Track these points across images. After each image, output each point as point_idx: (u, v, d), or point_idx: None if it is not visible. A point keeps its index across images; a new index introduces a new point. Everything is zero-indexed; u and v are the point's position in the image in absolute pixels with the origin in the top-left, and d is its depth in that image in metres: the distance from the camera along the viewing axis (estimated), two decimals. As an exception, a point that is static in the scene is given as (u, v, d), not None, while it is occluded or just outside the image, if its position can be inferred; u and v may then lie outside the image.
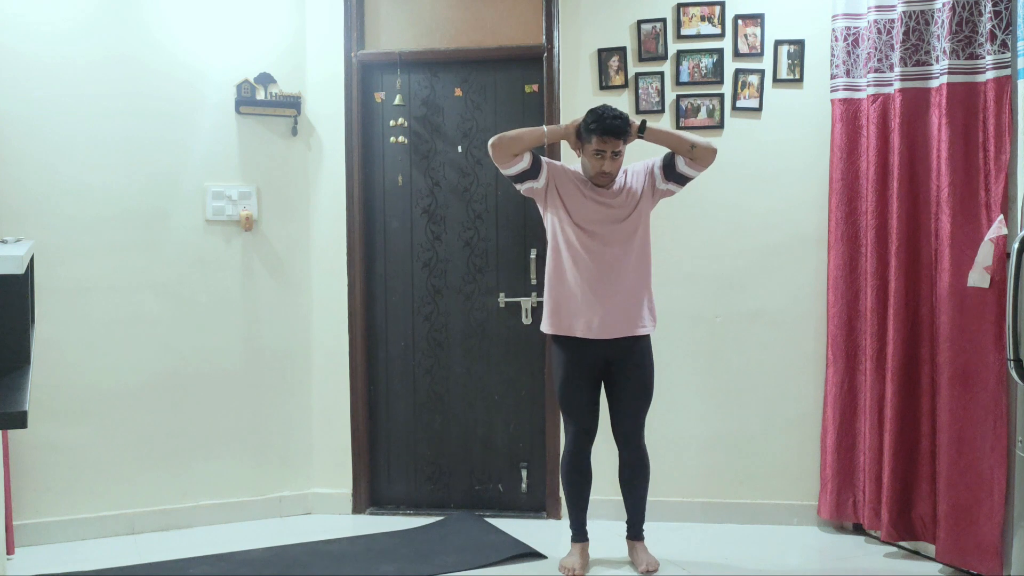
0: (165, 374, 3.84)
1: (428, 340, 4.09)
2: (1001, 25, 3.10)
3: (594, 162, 3.21)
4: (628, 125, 3.19)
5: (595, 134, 3.16)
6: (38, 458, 3.64)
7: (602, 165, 3.19)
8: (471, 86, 4.02)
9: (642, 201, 3.29)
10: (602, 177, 3.22)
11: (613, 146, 3.17)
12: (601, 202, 3.27)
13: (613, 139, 3.16)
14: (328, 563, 3.45)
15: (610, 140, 3.16)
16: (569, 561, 3.39)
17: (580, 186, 3.29)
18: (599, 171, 3.21)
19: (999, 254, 3.06)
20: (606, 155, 3.18)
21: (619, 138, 3.17)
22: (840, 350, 3.68)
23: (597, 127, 3.15)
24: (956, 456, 3.24)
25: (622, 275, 3.26)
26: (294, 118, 3.97)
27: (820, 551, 3.61)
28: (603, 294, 3.24)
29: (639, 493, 3.43)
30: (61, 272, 3.65)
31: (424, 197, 4.07)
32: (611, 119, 3.16)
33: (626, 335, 3.28)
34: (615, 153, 3.19)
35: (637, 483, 3.42)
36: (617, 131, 3.15)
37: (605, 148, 3.16)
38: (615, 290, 3.25)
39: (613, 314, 3.25)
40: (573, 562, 3.37)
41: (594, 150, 3.18)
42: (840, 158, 3.66)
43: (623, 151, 3.23)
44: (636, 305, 3.29)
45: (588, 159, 3.23)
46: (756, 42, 3.80)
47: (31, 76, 3.60)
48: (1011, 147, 3.04)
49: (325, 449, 4.09)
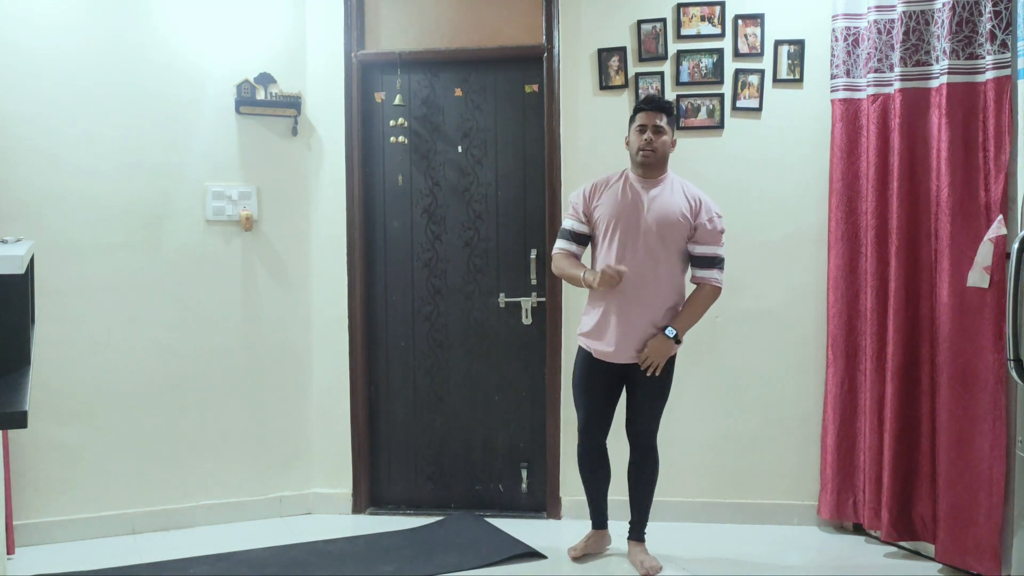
0: (165, 374, 3.84)
1: (428, 340, 4.10)
2: (1001, 25, 3.10)
3: (637, 137, 3.31)
4: (670, 105, 3.37)
5: (638, 111, 3.34)
6: (38, 458, 3.64)
7: (644, 137, 3.29)
8: (471, 86, 4.02)
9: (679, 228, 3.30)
10: (647, 149, 3.28)
11: (655, 118, 3.29)
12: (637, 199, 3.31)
13: (654, 111, 3.29)
14: (328, 563, 3.45)
15: (651, 113, 3.29)
16: (576, 543, 3.53)
17: (619, 188, 3.35)
18: (642, 144, 3.29)
19: (999, 254, 3.06)
20: (648, 127, 3.29)
21: (659, 110, 3.30)
22: (840, 350, 3.68)
23: (640, 104, 3.36)
24: (956, 456, 3.24)
25: (651, 293, 3.29)
26: (294, 118, 3.97)
27: (820, 551, 3.61)
28: (630, 315, 3.29)
29: (645, 492, 3.45)
30: (61, 272, 3.65)
31: (424, 197, 4.07)
32: (653, 94, 3.53)
33: None
34: (656, 127, 3.29)
35: (644, 481, 3.44)
36: (655, 102, 3.33)
37: (647, 121, 3.29)
38: (643, 311, 3.29)
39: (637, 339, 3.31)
40: (577, 544, 3.51)
41: (638, 125, 3.32)
42: (840, 158, 3.66)
43: (666, 129, 3.31)
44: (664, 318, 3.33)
45: (633, 137, 3.34)
46: (756, 42, 3.80)
47: (31, 75, 3.59)
48: (1011, 147, 3.04)
49: (325, 449, 4.09)
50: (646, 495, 3.45)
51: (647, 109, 3.30)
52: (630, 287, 3.26)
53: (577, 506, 3.92)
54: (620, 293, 3.26)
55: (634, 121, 3.34)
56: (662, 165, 3.34)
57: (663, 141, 3.29)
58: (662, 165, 3.34)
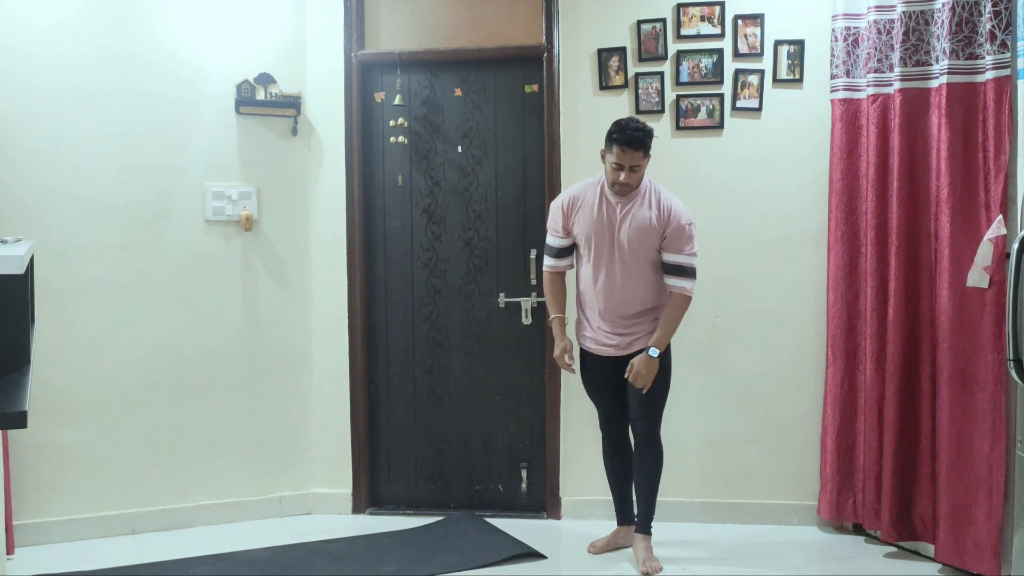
0: (165, 374, 3.84)
1: (428, 340, 4.10)
2: (1001, 25, 3.10)
3: (613, 173, 3.28)
4: (648, 138, 3.25)
5: (615, 144, 3.23)
6: (38, 458, 3.64)
7: (619, 176, 3.25)
8: (471, 86, 4.02)
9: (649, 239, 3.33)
10: (621, 188, 3.29)
11: (632, 159, 3.22)
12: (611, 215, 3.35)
13: (632, 151, 3.21)
14: (328, 563, 3.45)
15: (628, 152, 3.21)
16: (599, 539, 3.59)
17: (594, 203, 3.37)
18: (616, 181, 3.28)
19: (998, 254, 3.06)
20: (624, 169, 3.24)
21: (637, 150, 3.22)
22: (840, 350, 3.68)
23: (618, 137, 3.22)
24: (955, 456, 3.24)
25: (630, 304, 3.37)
26: (294, 118, 3.97)
27: (820, 551, 3.61)
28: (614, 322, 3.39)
29: (649, 483, 3.45)
30: (61, 272, 3.65)
31: (424, 197, 4.07)
32: (632, 131, 3.22)
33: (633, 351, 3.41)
34: (633, 167, 3.24)
35: (647, 472, 3.45)
36: (636, 142, 3.21)
37: (624, 162, 3.23)
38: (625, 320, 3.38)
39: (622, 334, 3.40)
40: (600, 540, 3.57)
41: (613, 162, 3.25)
42: (840, 158, 3.66)
43: (642, 165, 3.27)
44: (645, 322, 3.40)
45: (608, 169, 3.30)
46: (756, 42, 3.80)
47: (31, 76, 3.59)
48: (1010, 147, 3.04)
49: (325, 449, 4.09)
50: (650, 486, 3.45)
51: (625, 147, 3.20)
52: (610, 299, 3.36)
53: (577, 506, 3.92)
54: (601, 300, 3.37)
55: (611, 151, 3.24)
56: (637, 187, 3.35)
57: (638, 177, 3.29)
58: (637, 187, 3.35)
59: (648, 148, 3.28)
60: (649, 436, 3.43)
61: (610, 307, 3.36)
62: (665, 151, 3.84)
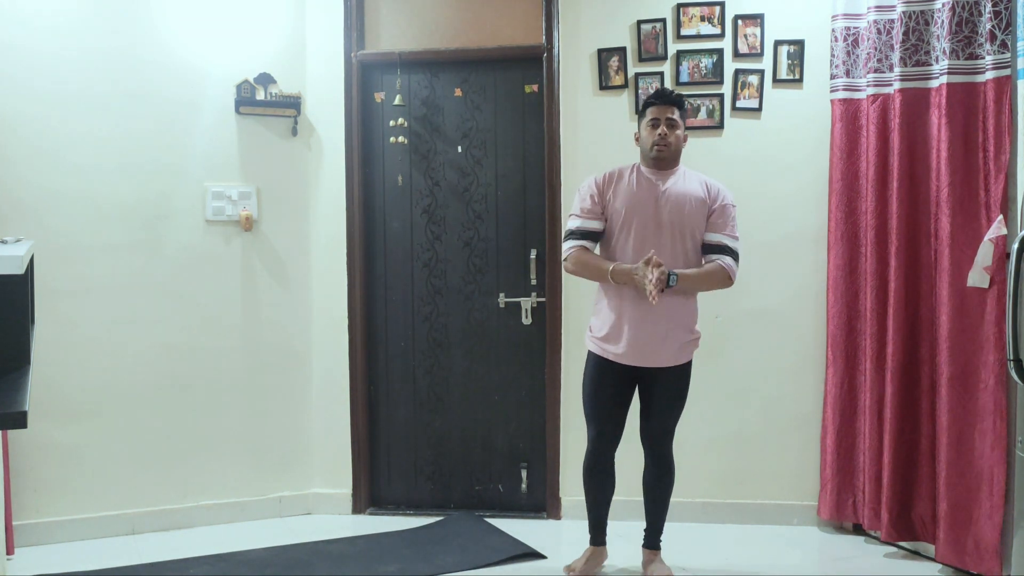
0: (165, 374, 3.84)
1: (428, 340, 4.10)
2: (1001, 25, 3.10)
3: (650, 133, 3.18)
4: (681, 97, 3.23)
5: (649, 106, 3.21)
6: (38, 458, 3.64)
7: (657, 131, 3.16)
8: (471, 86, 4.02)
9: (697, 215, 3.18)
10: (661, 144, 3.15)
11: (667, 111, 3.18)
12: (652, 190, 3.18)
13: (664, 104, 3.18)
14: (328, 563, 3.45)
15: (662, 106, 3.18)
16: (574, 561, 3.36)
17: (632, 180, 3.21)
18: (656, 139, 3.16)
19: (998, 254, 3.06)
20: (661, 122, 3.17)
21: (670, 103, 3.19)
22: (840, 350, 3.68)
23: (650, 98, 3.23)
24: (956, 456, 3.24)
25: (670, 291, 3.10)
26: (294, 118, 3.97)
27: (820, 551, 3.61)
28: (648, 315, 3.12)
29: (662, 502, 3.33)
30: (61, 272, 3.64)
31: (424, 197, 4.07)
32: (662, 89, 3.33)
33: (669, 364, 3.19)
34: (670, 120, 3.18)
35: (659, 489, 3.32)
36: (668, 96, 3.20)
37: (659, 115, 3.17)
38: (661, 309, 3.11)
39: (653, 345, 3.14)
40: (576, 563, 3.35)
41: (650, 119, 3.20)
42: (840, 158, 3.66)
43: (679, 123, 3.20)
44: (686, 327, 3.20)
45: (645, 132, 3.20)
46: (756, 42, 3.80)
47: (32, 76, 3.59)
48: (1011, 147, 3.04)
49: (325, 449, 4.09)
50: (663, 505, 3.33)
51: (658, 103, 3.18)
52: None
53: (577, 506, 3.91)
54: (634, 295, 3.11)
55: (644, 116, 3.20)
56: (676, 159, 3.22)
57: (676, 135, 3.18)
58: (676, 159, 3.22)
59: (682, 106, 3.21)
60: (666, 450, 3.29)
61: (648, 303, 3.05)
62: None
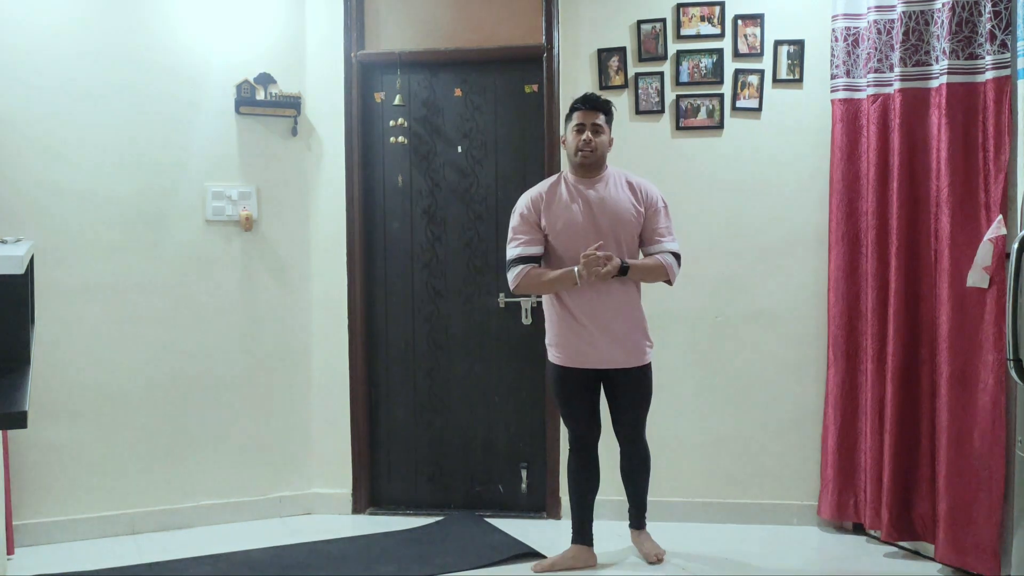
0: (165, 374, 3.84)
1: (428, 341, 4.10)
2: (1001, 25, 3.10)
3: (575, 137, 3.26)
4: (607, 103, 3.31)
5: (574, 111, 3.29)
6: (38, 458, 3.64)
7: (582, 136, 3.24)
8: (471, 86, 4.02)
9: (631, 222, 3.28)
10: (585, 150, 3.23)
11: (592, 117, 3.25)
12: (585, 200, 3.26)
13: (589, 110, 3.25)
14: (328, 563, 3.45)
15: (587, 112, 3.25)
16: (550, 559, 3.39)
17: (561, 193, 3.29)
18: (581, 144, 3.24)
19: (998, 254, 3.06)
20: (586, 127, 3.24)
21: (595, 109, 3.25)
22: (841, 350, 3.68)
23: (575, 103, 3.30)
24: (955, 456, 3.24)
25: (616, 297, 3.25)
26: (294, 118, 3.97)
27: (820, 551, 3.61)
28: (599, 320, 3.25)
29: (640, 484, 3.46)
30: (61, 272, 3.65)
31: (424, 198, 4.07)
32: (588, 94, 3.32)
33: (628, 366, 3.31)
34: (595, 126, 3.25)
35: (637, 475, 3.45)
36: (594, 101, 3.27)
37: (585, 120, 3.25)
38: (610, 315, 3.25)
39: (612, 346, 3.26)
40: (544, 561, 3.39)
41: (575, 124, 3.27)
42: (840, 158, 3.66)
43: (604, 128, 3.27)
44: (637, 330, 3.31)
45: (570, 136, 3.29)
46: (756, 42, 3.80)
47: (32, 76, 3.59)
48: (1010, 147, 3.04)
49: (325, 449, 4.09)
50: (642, 485, 3.46)
51: (584, 108, 3.25)
52: (593, 293, 3.22)
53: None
54: (584, 299, 3.22)
55: (571, 120, 3.29)
56: (601, 164, 3.31)
57: (601, 140, 3.26)
58: (601, 164, 3.31)
59: (608, 112, 3.29)
60: (640, 439, 3.42)
61: (594, 301, 3.21)
62: (665, 151, 3.84)
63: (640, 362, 3.32)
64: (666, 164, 3.79)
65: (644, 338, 3.33)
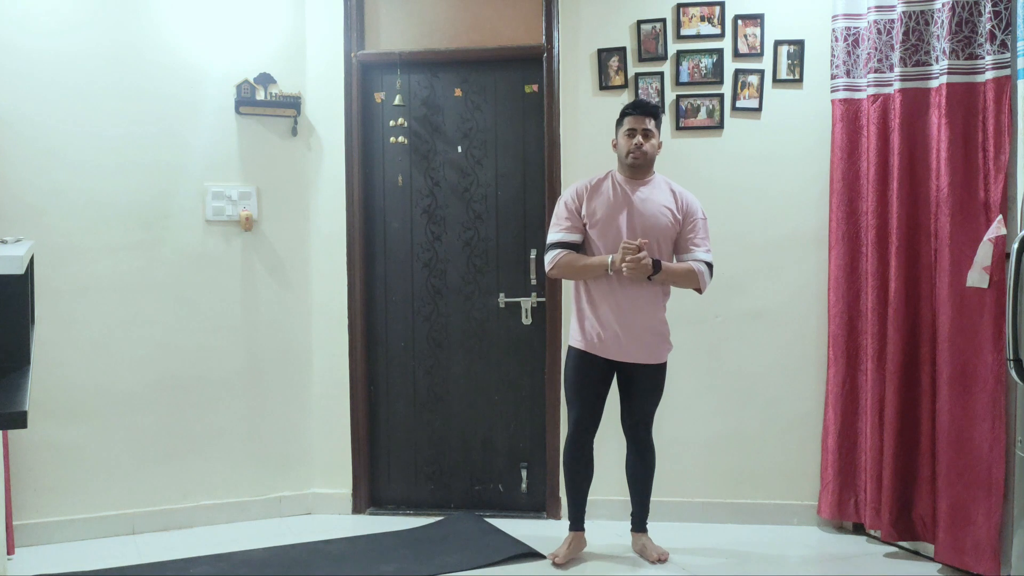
0: (165, 374, 3.84)
1: (428, 340, 4.10)
2: (1001, 25, 3.10)
3: (626, 141, 3.36)
4: (657, 109, 3.40)
5: (626, 115, 3.39)
6: (38, 458, 3.64)
7: (633, 140, 3.33)
8: (471, 86, 4.02)
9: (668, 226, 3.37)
10: (636, 153, 3.33)
11: (642, 123, 3.34)
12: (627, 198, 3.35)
13: (641, 115, 3.34)
14: (328, 563, 3.45)
15: (639, 117, 3.34)
16: (558, 549, 3.47)
17: (608, 188, 3.38)
18: (632, 148, 3.33)
19: (998, 254, 3.06)
20: (637, 131, 3.34)
21: (647, 115, 3.34)
22: (841, 350, 3.68)
23: (627, 108, 3.40)
24: (955, 456, 3.24)
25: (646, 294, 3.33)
26: (294, 118, 3.97)
27: (820, 551, 3.61)
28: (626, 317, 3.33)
29: (644, 481, 3.49)
30: (61, 272, 3.65)
31: (424, 197, 4.07)
32: (639, 100, 3.49)
33: (648, 362, 3.38)
34: (645, 131, 3.34)
35: (642, 471, 3.48)
36: (645, 107, 3.37)
37: (636, 125, 3.34)
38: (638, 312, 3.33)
39: (632, 343, 3.34)
40: (559, 549, 3.46)
41: (627, 129, 3.37)
42: (840, 158, 3.66)
43: (654, 132, 3.36)
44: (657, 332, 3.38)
45: (622, 140, 3.38)
46: (756, 42, 3.80)
47: (31, 76, 3.59)
48: (1010, 147, 3.04)
49: (325, 449, 4.09)
50: (647, 487, 3.51)
51: (635, 114, 3.36)
52: (625, 289, 3.30)
53: (577, 506, 3.92)
54: (615, 293, 3.31)
55: (622, 124, 3.40)
56: (650, 166, 3.42)
57: (651, 144, 3.36)
58: (650, 166, 3.42)
59: (658, 117, 3.39)
60: (647, 436, 3.48)
61: (624, 297, 3.30)
62: (665, 151, 3.83)
63: (658, 360, 3.40)
64: (666, 164, 3.78)
65: (664, 341, 3.41)
